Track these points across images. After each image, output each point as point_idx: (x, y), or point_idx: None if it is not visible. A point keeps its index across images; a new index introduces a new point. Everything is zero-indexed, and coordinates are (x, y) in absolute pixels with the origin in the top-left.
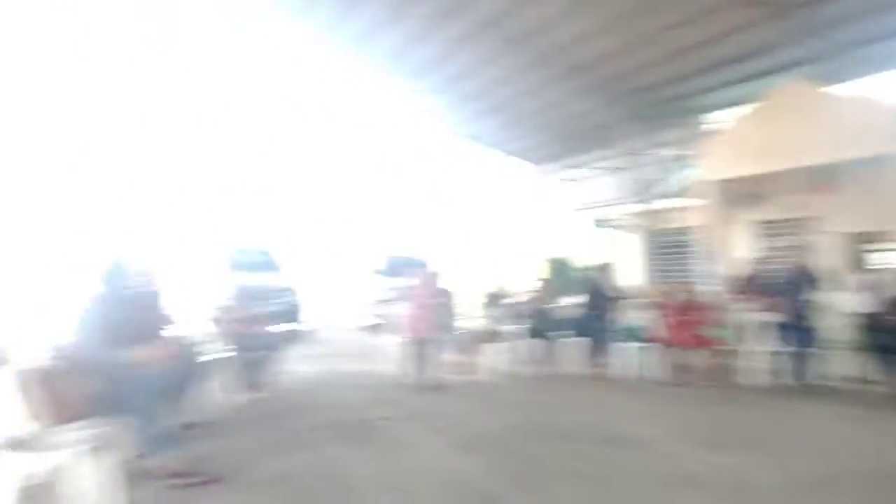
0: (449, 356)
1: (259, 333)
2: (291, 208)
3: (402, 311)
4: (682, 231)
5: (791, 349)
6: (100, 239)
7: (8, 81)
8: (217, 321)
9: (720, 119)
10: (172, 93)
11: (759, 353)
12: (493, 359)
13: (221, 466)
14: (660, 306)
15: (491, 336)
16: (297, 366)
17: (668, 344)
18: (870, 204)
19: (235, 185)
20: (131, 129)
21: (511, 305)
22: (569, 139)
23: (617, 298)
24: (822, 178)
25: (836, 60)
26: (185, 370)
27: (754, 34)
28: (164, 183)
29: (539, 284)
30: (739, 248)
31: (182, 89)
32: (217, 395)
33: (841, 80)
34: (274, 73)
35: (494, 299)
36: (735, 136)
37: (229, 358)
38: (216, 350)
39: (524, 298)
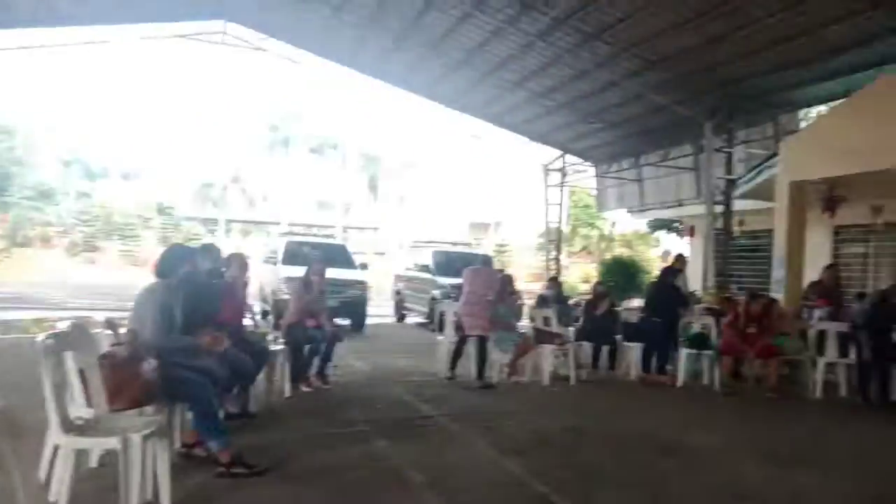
0: (503, 355)
1: (313, 327)
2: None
3: (455, 308)
4: (752, 234)
5: (862, 363)
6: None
7: None
8: (272, 313)
9: (805, 117)
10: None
11: (828, 365)
12: (549, 361)
13: (270, 458)
14: (725, 313)
15: (547, 337)
16: (351, 360)
17: (733, 352)
18: None
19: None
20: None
21: (568, 306)
22: (635, 137)
23: (685, 304)
24: None
25: None
26: (248, 360)
27: (850, 26)
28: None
29: (598, 286)
30: (817, 253)
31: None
32: (269, 386)
33: None
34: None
35: (551, 299)
36: (818, 135)
37: (282, 350)
38: (271, 342)
39: (583, 299)
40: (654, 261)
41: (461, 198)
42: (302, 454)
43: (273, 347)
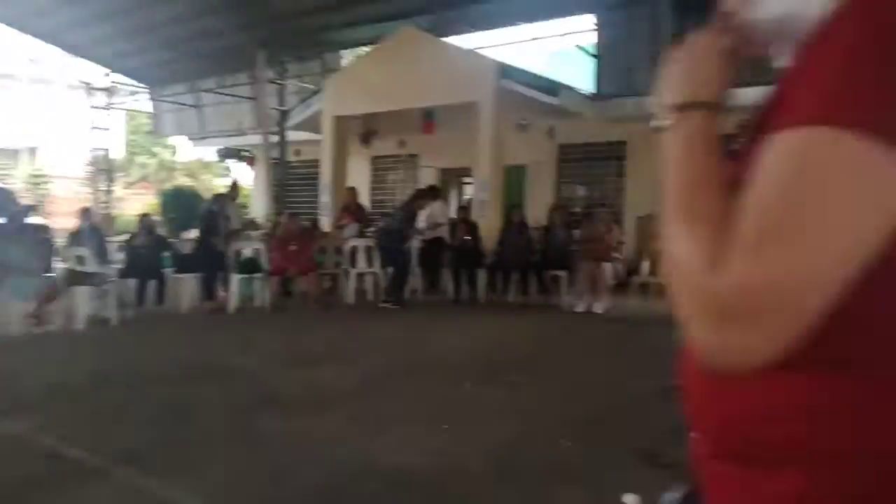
0: (23, 304)
1: None
2: None
3: None
4: (307, 164)
5: (389, 270)
6: None
7: None
8: None
9: (347, 57)
10: None
11: (361, 274)
12: (85, 304)
13: None
14: (272, 236)
15: (81, 278)
16: None
17: (279, 272)
18: (460, 144)
19: None
20: None
21: (109, 241)
22: (190, 60)
23: (236, 230)
24: (424, 120)
25: (451, 13)
26: None
27: None
28: None
29: (145, 218)
30: (357, 180)
31: None
32: None
33: (453, 32)
34: None
35: (85, 235)
36: (354, 75)
37: None
38: None
39: (128, 233)
40: (221, 190)
41: None
42: None
43: None
